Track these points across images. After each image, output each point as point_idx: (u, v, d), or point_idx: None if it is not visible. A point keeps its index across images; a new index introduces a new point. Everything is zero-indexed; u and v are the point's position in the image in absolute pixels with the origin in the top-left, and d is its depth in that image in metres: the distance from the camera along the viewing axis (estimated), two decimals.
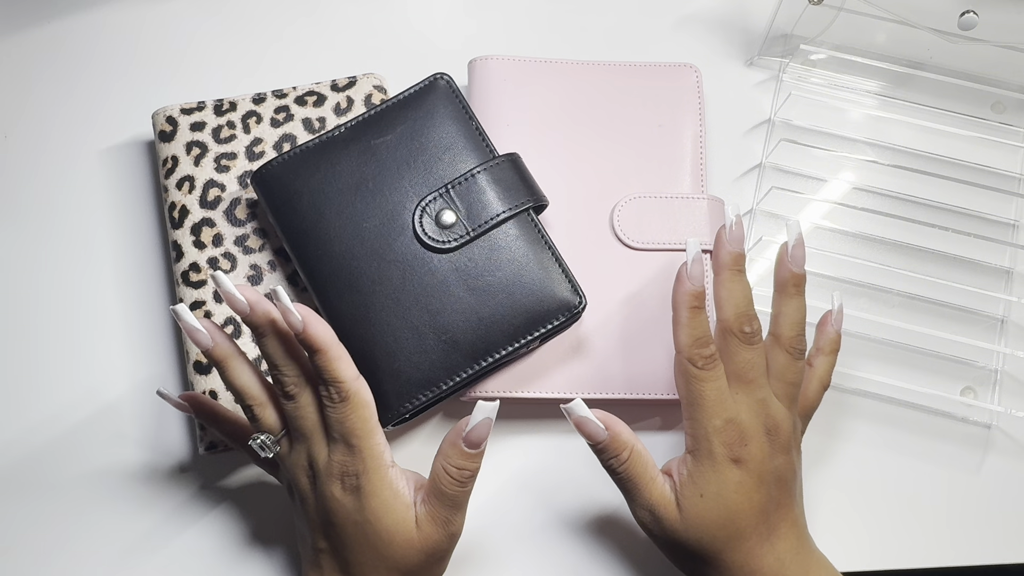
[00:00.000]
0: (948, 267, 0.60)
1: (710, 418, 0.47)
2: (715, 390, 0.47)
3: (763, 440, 0.47)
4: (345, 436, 0.46)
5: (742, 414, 0.47)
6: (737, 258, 0.49)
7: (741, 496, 0.46)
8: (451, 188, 0.53)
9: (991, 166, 0.62)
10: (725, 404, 0.47)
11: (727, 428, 0.46)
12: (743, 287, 0.49)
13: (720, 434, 0.46)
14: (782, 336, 0.49)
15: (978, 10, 0.59)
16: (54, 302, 0.58)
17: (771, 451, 0.47)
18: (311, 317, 0.45)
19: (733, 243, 0.49)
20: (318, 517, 0.47)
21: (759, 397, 0.47)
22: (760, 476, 0.47)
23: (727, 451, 0.46)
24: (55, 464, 0.55)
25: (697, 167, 0.59)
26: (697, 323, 0.48)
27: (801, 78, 0.65)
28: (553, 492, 0.55)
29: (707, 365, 0.47)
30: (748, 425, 0.47)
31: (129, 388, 0.57)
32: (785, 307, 0.50)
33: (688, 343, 0.47)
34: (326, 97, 0.59)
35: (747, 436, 0.47)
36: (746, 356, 0.48)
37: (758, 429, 0.47)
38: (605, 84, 0.60)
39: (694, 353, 0.47)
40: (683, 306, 0.48)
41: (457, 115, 0.55)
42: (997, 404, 0.58)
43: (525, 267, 0.52)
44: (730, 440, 0.46)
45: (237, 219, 0.56)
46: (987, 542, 0.56)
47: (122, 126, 0.62)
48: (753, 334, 0.48)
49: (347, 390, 0.46)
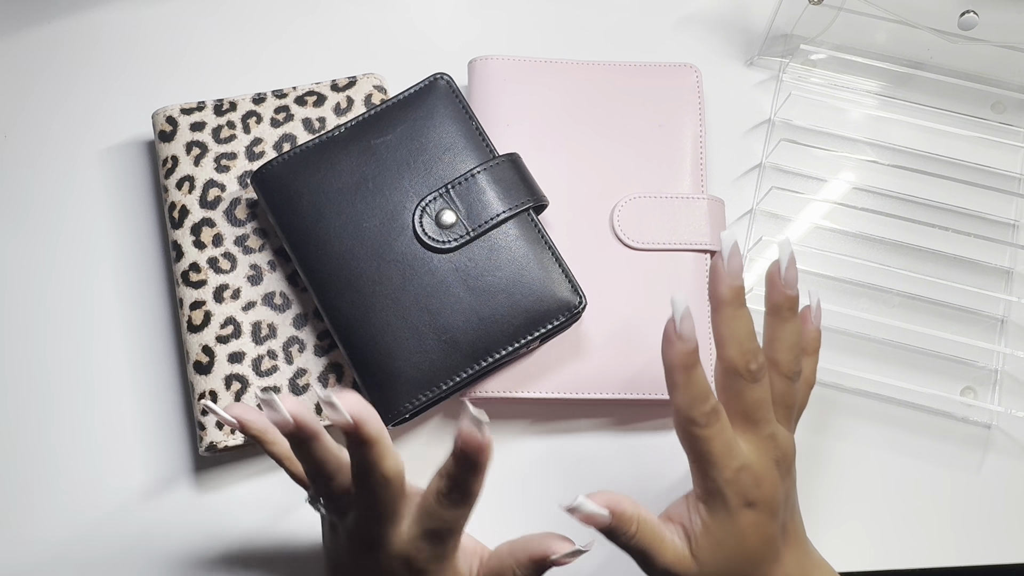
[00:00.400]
0: (948, 267, 0.60)
1: (721, 472, 0.44)
2: (723, 444, 0.44)
3: (774, 473, 0.45)
4: (441, 533, 0.42)
5: (751, 456, 0.45)
6: (738, 291, 0.46)
7: (757, 534, 0.45)
8: (451, 188, 0.53)
9: (991, 166, 0.62)
10: (734, 453, 0.44)
11: (739, 477, 0.44)
12: (745, 322, 0.45)
13: (733, 485, 0.44)
14: (780, 362, 0.47)
15: (978, 10, 0.59)
16: (54, 302, 0.58)
17: (780, 479, 0.46)
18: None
19: (732, 276, 0.45)
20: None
21: (767, 433, 0.45)
22: (772, 509, 0.45)
23: (741, 499, 0.44)
24: (54, 463, 0.55)
25: (697, 167, 0.59)
26: (694, 382, 0.44)
27: (801, 78, 0.65)
28: (553, 492, 0.55)
29: (710, 421, 0.44)
30: (759, 466, 0.45)
31: (129, 388, 0.57)
32: (780, 331, 0.47)
33: (687, 404, 0.44)
34: (326, 97, 0.59)
35: (759, 477, 0.44)
36: (754, 396, 0.45)
37: (768, 465, 0.45)
38: (605, 84, 0.60)
39: (695, 413, 0.44)
40: (678, 368, 0.44)
41: (457, 115, 0.55)
42: (997, 404, 0.58)
43: (525, 267, 0.52)
44: (744, 488, 0.44)
45: (237, 219, 0.56)
46: (987, 542, 0.56)
47: (122, 126, 0.62)
48: (759, 370, 0.45)
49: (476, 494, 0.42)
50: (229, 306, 0.55)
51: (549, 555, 0.44)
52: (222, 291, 0.55)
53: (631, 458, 0.56)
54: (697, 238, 0.57)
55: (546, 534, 0.45)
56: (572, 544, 0.44)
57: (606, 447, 0.56)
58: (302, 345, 0.54)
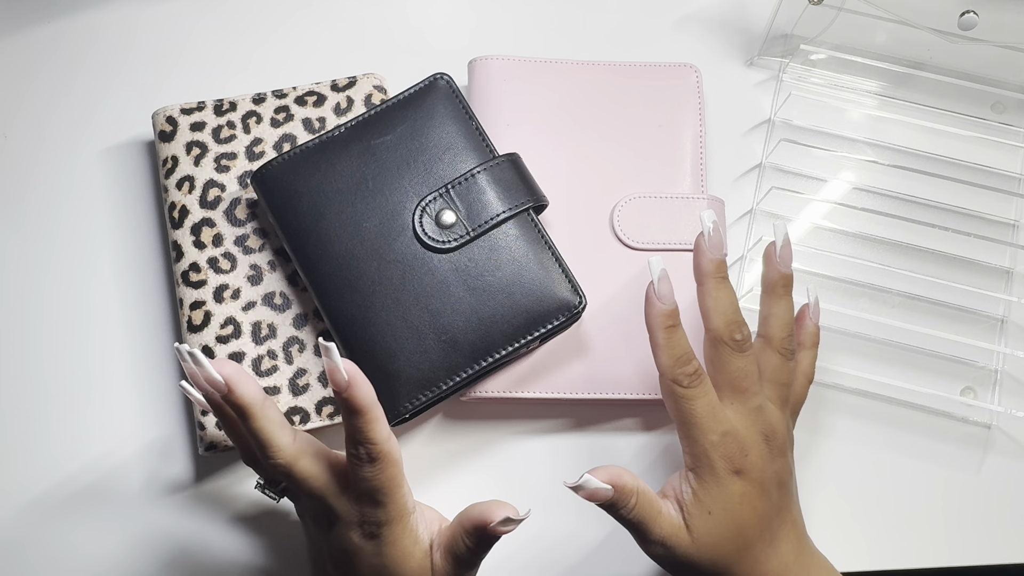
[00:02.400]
0: (948, 267, 0.60)
1: (706, 434, 0.46)
2: (706, 406, 0.46)
3: (762, 447, 0.47)
4: (371, 492, 0.44)
5: (738, 424, 0.46)
6: (719, 265, 0.48)
7: (747, 507, 0.46)
8: (451, 188, 0.53)
9: (991, 166, 0.62)
10: (719, 417, 0.46)
11: (724, 441, 0.46)
12: (728, 294, 0.48)
13: (718, 448, 0.46)
14: (773, 337, 0.49)
15: (978, 10, 0.59)
16: (53, 302, 0.58)
17: (770, 456, 0.47)
18: (358, 377, 0.44)
19: (714, 250, 0.48)
20: (334, 554, 0.46)
21: (754, 405, 0.47)
22: (762, 484, 0.46)
23: (728, 464, 0.46)
24: (53, 463, 0.55)
25: (697, 167, 0.59)
26: (675, 342, 0.46)
27: (801, 78, 0.65)
28: (553, 492, 0.55)
29: (693, 383, 0.46)
30: (745, 435, 0.46)
31: (129, 387, 0.57)
32: (775, 308, 0.50)
33: (670, 364, 0.46)
34: (326, 97, 0.59)
35: (746, 446, 0.46)
36: (739, 364, 0.47)
37: (756, 437, 0.47)
38: (605, 84, 0.60)
39: (678, 373, 0.46)
40: (658, 328, 0.47)
41: (457, 115, 0.55)
42: (997, 404, 0.58)
43: (525, 267, 0.52)
44: (730, 453, 0.46)
45: (237, 219, 0.56)
46: (987, 542, 0.56)
47: (122, 126, 0.62)
48: (744, 340, 0.47)
49: (380, 451, 0.44)
50: (229, 306, 0.55)
51: (488, 522, 0.45)
52: (222, 291, 0.55)
53: (631, 458, 0.56)
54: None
55: (489, 502, 0.46)
56: (510, 510, 0.45)
57: (606, 447, 0.56)
58: (302, 345, 0.54)
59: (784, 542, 0.47)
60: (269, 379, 0.53)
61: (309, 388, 0.54)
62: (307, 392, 0.53)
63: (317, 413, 0.53)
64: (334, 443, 0.56)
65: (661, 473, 0.56)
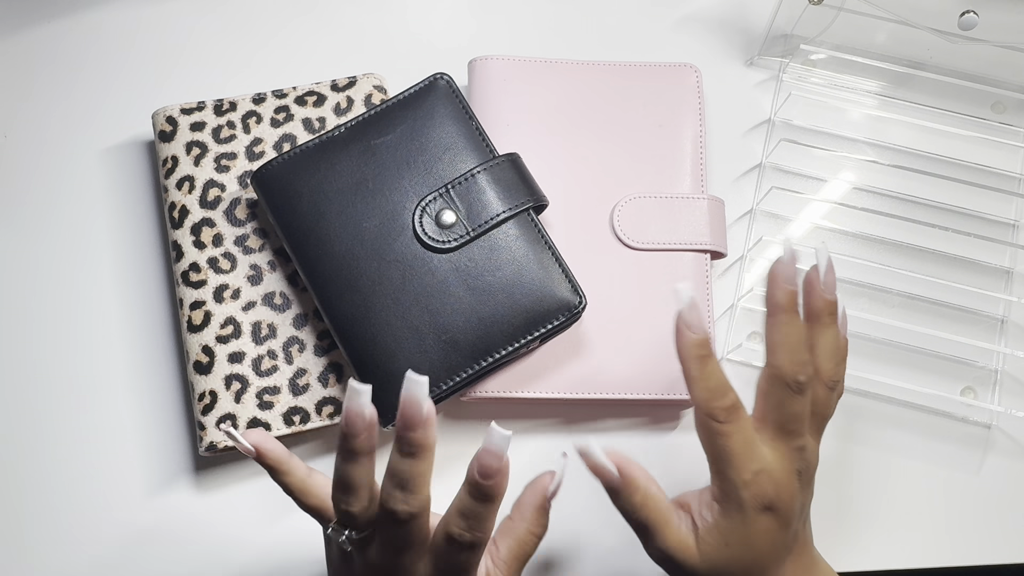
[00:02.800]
0: (948, 267, 0.60)
1: (740, 472, 0.43)
2: (741, 442, 0.43)
3: (794, 484, 0.44)
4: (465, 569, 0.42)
5: (775, 463, 0.44)
6: (792, 297, 0.45)
7: (768, 540, 0.44)
8: (451, 188, 0.53)
9: (991, 166, 0.62)
10: (754, 455, 0.43)
11: (758, 480, 0.43)
12: (798, 331, 0.44)
13: (750, 487, 0.43)
14: (823, 370, 0.46)
15: (978, 10, 0.59)
16: (53, 302, 0.58)
17: (800, 491, 0.45)
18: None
19: (789, 281, 0.45)
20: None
21: (797, 446, 0.44)
22: (788, 518, 0.44)
23: (758, 502, 0.43)
24: (54, 463, 0.55)
25: (697, 167, 0.59)
26: (709, 373, 0.43)
27: (801, 78, 0.65)
28: None
29: (730, 417, 0.43)
30: (780, 474, 0.44)
31: (129, 388, 0.57)
32: (821, 337, 0.46)
33: (705, 397, 0.43)
34: (326, 97, 0.59)
35: (779, 484, 0.43)
36: (795, 409, 0.44)
37: (790, 475, 0.44)
38: (605, 84, 0.60)
39: (713, 407, 0.43)
40: (690, 359, 0.43)
41: (457, 115, 0.55)
42: (997, 404, 0.58)
43: (525, 267, 0.52)
44: (761, 491, 0.43)
45: (237, 219, 0.56)
46: (987, 542, 0.56)
47: (122, 126, 0.62)
48: (807, 382, 0.44)
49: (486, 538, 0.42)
50: (229, 306, 0.55)
51: (547, 495, 0.44)
52: (222, 291, 0.55)
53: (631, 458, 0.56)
54: (697, 238, 0.57)
55: (531, 484, 0.45)
56: (554, 473, 0.45)
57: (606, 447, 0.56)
58: (302, 345, 0.54)
59: (793, 562, 0.46)
60: (269, 379, 0.53)
61: (309, 388, 0.54)
62: (307, 392, 0.53)
63: (317, 413, 0.53)
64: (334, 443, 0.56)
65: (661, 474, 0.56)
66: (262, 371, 0.54)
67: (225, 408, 0.53)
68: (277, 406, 0.53)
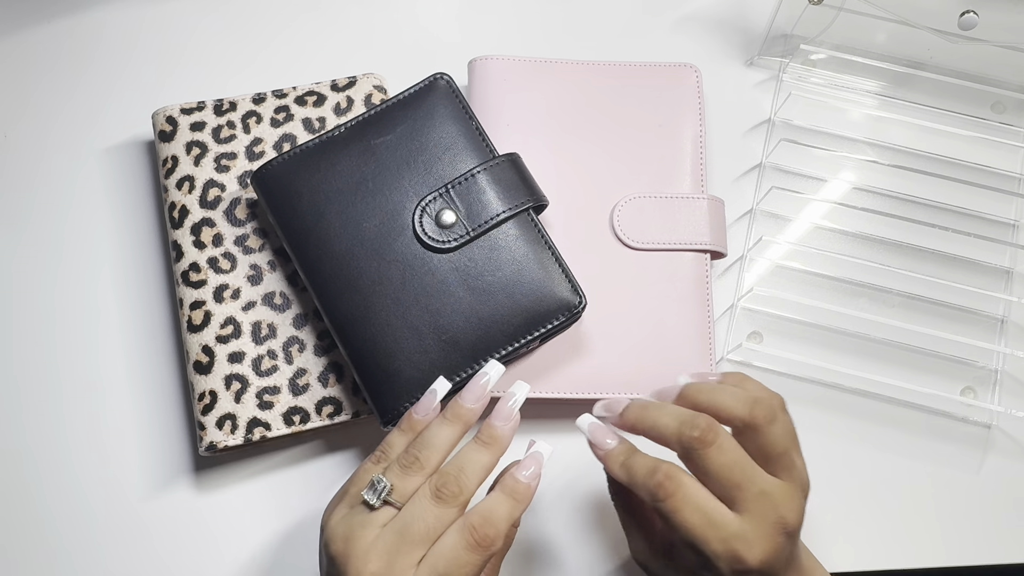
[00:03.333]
0: (948, 267, 0.60)
1: (707, 546, 0.42)
2: (694, 511, 0.42)
3: (778, 541, 0.42)
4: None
5: (744, 526, 0.42)
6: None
7: None
8: (451, 188, 0.53)
9: (991, 166, 0.62)
10: (715, 523, 0.42)
11: (729, 551, 0.41)
12: (659, 411, 0.45)
13: (723, 558, 0.42)
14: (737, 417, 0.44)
15: (978, 10, 0.59)
16: (54, 302, 0.58)
17: (787, 543, 0.43)
18: None
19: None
20: None
21: (755, 492, 0.42)
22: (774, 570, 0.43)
23: (735, 569, 0.42)
24: (54, 463, 0.55)
25: (697, 167, 0.59)
26: (635, 469, 0.44)
27: (801, 78, 0.65)
28: (551, 493, 0.55)
29: (667, 492, 0.42)
30: (754, 537, 0.42)
31: (129, 388, 0.57)
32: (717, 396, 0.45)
33: (639, 485, 0.44)
34: (326, 97, 0.59)
35: (757, 547, 0.42)
36: (717, 460, 0.42)
37: (768, 533, 0.42)
38: (605, 84, 0.60)
39: (651, 488, 0.43)
40: (615, 468, 0.45)
41: (457, 115, 0.55)
42: (997, 404, 0.58)
43: (525, 267, 0.52)
44: (737, 559, 0.42)
45: (237, 219, 0.56)
46: (987, 542, 0.56)
47: (122, 126, 0.62)
48: (705, 431, 0.43)
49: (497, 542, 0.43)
50: (229, 306, 0.55)
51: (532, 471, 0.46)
52: (222, 291, 0.55)
53: None
54: (697, 238, 0.57)
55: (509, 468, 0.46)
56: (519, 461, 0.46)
57: None
58: (302, 345, 0.54)
59: None
60: (269, 379, 0.53)
61: (309, 388, 0.54)
62: (307, 392, 0.53)
63: (317, 413, 0.53)
64: (334, 443, 0.56)
65: None
66: (262, 371, 0.54)
67: (225, 408, 0.53)
68: (277, 406, 0.53)
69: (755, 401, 0.44)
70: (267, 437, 0.53)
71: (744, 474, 0.43)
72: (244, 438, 0.52)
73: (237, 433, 0.52)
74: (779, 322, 0.59)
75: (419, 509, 0.43)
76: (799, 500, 0.44)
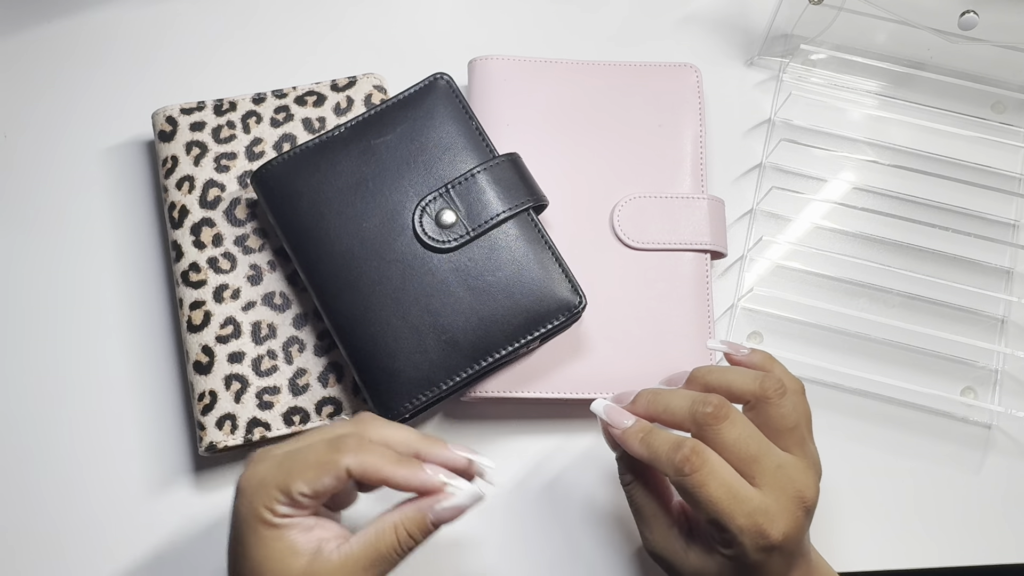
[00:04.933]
0: (948, 267, 0.60)
1: (731, 519, 0.42)
2: (720, 487, 0.42)
3: (797, 515, 0.43)
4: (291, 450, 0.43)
5: (766, 499, 0.42)
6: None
7: (767, 571, 0.43)
8: (451, 188, 0.53)
9: (991, 166, 0.62)
10: (740, 497, 0.42)
11: (754, 525, 0.42)
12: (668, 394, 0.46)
13: (747, 533, 0.42)
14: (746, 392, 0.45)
15: (978, 10, 0.59)
16: (54, 301, 0.58)
17: (806, 519, 0.43)
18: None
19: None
20: None
21: (773, 465, 0.43)
22: (793, 549, 0.43)
23: (758, 544, 0.42)
24: (54, 462, 0.55)
25: (697, 167, 0.59)
26: (656, 444, 0.44)
27: (801, 78, 0.65)
28: (551, 492, 0.55)
29: (695, 466, 0.42)
30: (777, 511, 0.42)
31: (129, 388, 0.57)
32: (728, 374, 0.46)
33: (665, 463, 0.43)
34: (326, 97, 0.59)
35: (779, 522, 0.42)
36: (732, 434, 0.43)
37: (788, 507, 0.42)
38: (605, 84, 0.60)
39: (676, 464, 0.43)
40: (634, 445, 0.45)
41: (457, 115, 0.55)
42: (997, 404, 0.58)
43: (525, 267, 0.52)
44: (760, 533, 0.42)
45: (237, 219, 0.56)
46: (987, 542, 0.56)
47: (122, 126, 0.62)
48: (718, 408, 0.43)
49: None
50: (229, 306, 0.55)
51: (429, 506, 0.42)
52: (222, 291, 0.55)
53: None
54: (697, 238, 0.57)
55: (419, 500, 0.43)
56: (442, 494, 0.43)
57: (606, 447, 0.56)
58: (302, 345, 0.54)
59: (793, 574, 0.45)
60: (269, 379, 0.53)
61: (309, 388, 0.54)
62: (307, 392, 0.53)
63: (317, 413, 0.53)
64: None
65: None
66: (262, 371, 0.54)
67: (225, 408, 0.53)
68: (277, 406, 0.53)
69: (764, 376, 0.45)
70: (267, 437, 0.53)
71: (760, 448, 0.43)
72: (244, 438, 0.52)
73: (237, 433, 0.52)
74: (779, 322, 0.59)
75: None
76: (814, 476, 0.44)
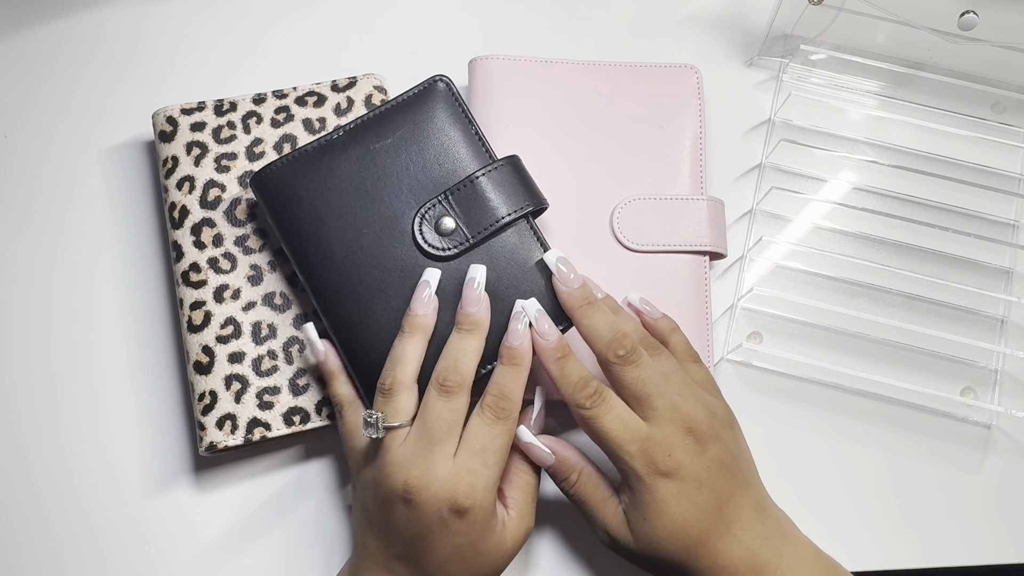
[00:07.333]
0: (948, 267, 0.60)
1: (623, 447, 0.46)
2: (614, 420, 0.47)
3: (686, 442, 0.47)
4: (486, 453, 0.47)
5: (653, 430, 0.47)
6: (581, 294, 0.50)
7: (683, 506, 0.46)
8: (450, 194, 0.53)
9: (991, 166, 0.62)
10: (630, 428, 0.47)
11: (644, 449, 0.46)
12: (600, 316, 0.49)
13: (638, 459, 0.46)
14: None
15: (978, 10, 0.59)
16: (54, 302, 0.58)
17: (699, 448, 0.47)
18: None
19: (569, 283, 0.50)
20: (406, 530, 0.47)
21: (665, 405, 0.47)
22: (697, 478, 0.46)
23: (652, 469, 0.46)
24: (54, 463, 0.55)
25: (697, 168, 0.59)
26: (569, 370, 0.48)
27: (801, 78, 0.65)
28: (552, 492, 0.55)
29: (595, 402, 0.47)
30: (662, 436, 0.46)
31: (129, 388, 0.57)
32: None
33: (570, 391, 0.48)
34: (326, 97, 0.59)
35: (667, 447, 0.46)
36: (632, 375, 0.47)
37: (675, 434, 0.47)
38: (605, 84, 0.60)
39: (579, 397, 0.47)
40: (550, 362, 0.48)
41: (456, 119, 0.55)
42: (997, 404, 0.58)
43: (525, 271, 0.52)
44: (651, 459, 0.46)
45: (237, 219, 0.56)
46: (987, 542, 0.56)
47: (122, 126, 0.62)
48: (629, 353, 0.48)
49: (515, 411, 0.48)
50: (229, 306, 0.55)
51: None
52: (222, 291, 0.55)
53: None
54: (697, 239, 0.57)
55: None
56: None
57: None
58: (302, 345, 0.54)
59: (746, 529, 0.47)
60: (269, 379, 0.53)
61: (309, 388, 0.54)
62: (307, 392, 0.53)
63: (317, 413, 0.53)
64: (334, 443, 0.56)
65: None
66: (262, 371, 0.54)
67: (225, 408, 0.53)
68: (277, 406, 0.53)
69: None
70: (267, 437, 0.53)
71: (657, 389, 0.47)
72: (244, 438, 0.52)
73: (237, 433, 0.52)
74: (779, 322, 0.59)
75: (433, 410, 0.47)
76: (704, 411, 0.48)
